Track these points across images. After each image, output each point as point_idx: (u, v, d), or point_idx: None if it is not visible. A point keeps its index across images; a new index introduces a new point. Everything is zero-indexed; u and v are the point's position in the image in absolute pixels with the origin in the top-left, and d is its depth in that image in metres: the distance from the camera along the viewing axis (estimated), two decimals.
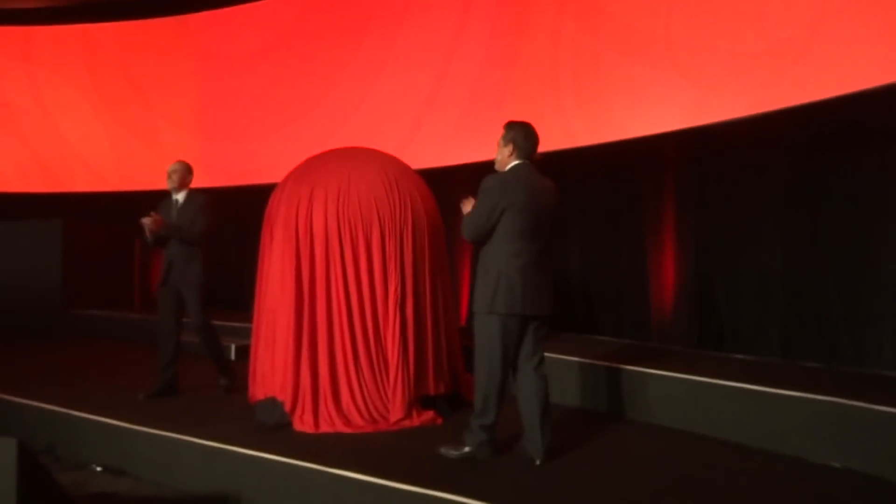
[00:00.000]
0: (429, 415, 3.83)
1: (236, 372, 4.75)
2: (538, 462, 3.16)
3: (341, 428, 3.65)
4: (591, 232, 5.84)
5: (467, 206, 3.36)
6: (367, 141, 4.86)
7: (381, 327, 3.85)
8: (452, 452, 3.21)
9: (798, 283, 4.51)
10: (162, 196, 4.76)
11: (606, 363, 4.25)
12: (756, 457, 3.36)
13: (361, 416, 3.72)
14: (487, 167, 6.03)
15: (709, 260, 5.03)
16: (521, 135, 3.30)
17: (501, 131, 3.37)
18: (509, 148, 3.28)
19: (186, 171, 4.63)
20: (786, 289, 4.57)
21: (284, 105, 7.60)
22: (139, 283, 8.69)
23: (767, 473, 3.13)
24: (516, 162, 3.30)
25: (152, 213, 4.39)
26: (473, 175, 6.39)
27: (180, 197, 4.58)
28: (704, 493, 2.87)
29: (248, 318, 4.52)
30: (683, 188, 5.24)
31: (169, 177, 4.58)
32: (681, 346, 5.03)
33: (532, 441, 3.21)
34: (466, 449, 3.20)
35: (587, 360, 4.34)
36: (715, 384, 3.74)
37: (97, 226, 8.42)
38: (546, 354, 4.50)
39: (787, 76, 4.25)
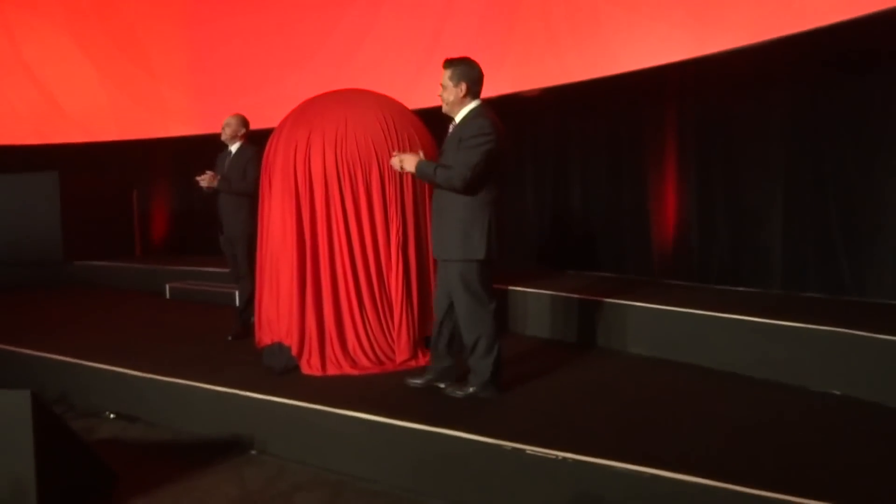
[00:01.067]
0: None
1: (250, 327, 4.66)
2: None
3: (348, 370, 3.70)
4: (591, 167, 5.80)
5: (408, 162, 3.22)
6: (371, 83, 4.73)
7: (385, 270, 3.85)
8: (458, 392, 3.26)
9: (800, 214, 4.51)
10: (172, 143, 4.74)
11: (607, 298, 4.28)
12: (758, 387, 3.42)
13: (368, 358, 3.77)
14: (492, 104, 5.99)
15: (710, 193, 5.01)
16: (473, 72, 3.15)
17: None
18: (462, 87, 3.13)
19: (239, 123, 4.73)
20: (787, 220, 4.56)
21: (284, 46, 7.40)
22: (139, 233, 8.68)
23: (769, 402, 3.19)
24: (476, 103, 3.18)
25: (206, 171, 4.60)
26: None
27: (233, 148, 4.72)
28: (710, 422, 2.93)
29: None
30: (684, 121, 5.18)
31: (223, 129, 4.73)
32: (682, 279, 5.06)
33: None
34: (471, 389, 3.25)
35: (588, 297, 4.37)
36: (716, 317, 3.77)
37: (93, 176, 8.36)
38: (550, 292, 4.58)
39: (791, 5, 4.13)
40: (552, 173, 6.05)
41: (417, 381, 3.42)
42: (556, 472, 2.55)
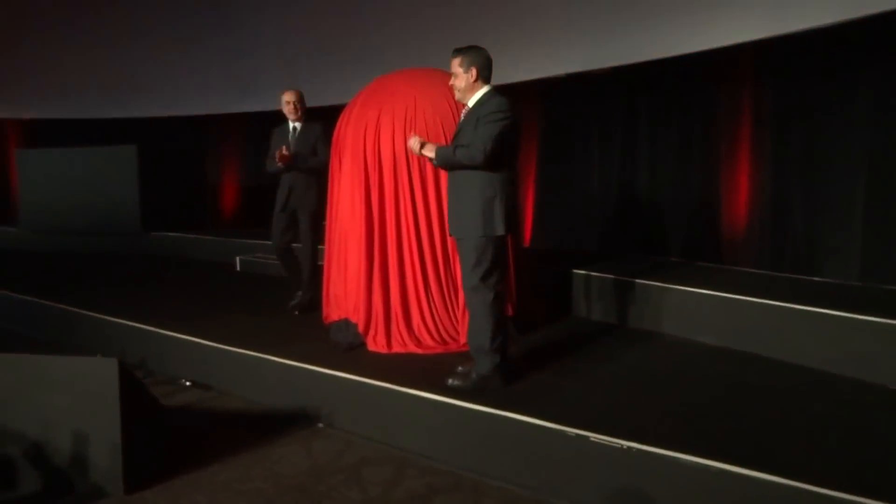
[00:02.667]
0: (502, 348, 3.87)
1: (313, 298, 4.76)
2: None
3: (413, 349, 3.77)
4: (660, 149, 5.66)
5: (428, 147, 3.22)
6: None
7: (450, 251, 3.88)
8: (455, 382, 3.17)
9: (883, 202, 4.31)
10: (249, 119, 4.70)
11: (674, 284, 4.21)
12: (835, 382, 3.32)
13: (432, 337, 3.82)
14: (551, 83, 5.91)
15: (786, 177, 4.83)
16: (481, 58, 3.18)
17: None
18: (472, 73, 3.16)
19: (302, 99, 4.70)
20: (869, 208, 4.36)
21: (366, 22, 7.42)
22: (211, 205, 8.97)
23: (845, 399, 3.10)
24: (488, 87, 3.19)
25: (281, 149, 4.48)
26: (536, 90, 6.28)
27: (297, 124, 4.68)
28: (782, 418, 2.86)
29: (320, 240, 4.63)
30: (760, 102, 4.99)
31: (286, 105, 4.64)
32: (754, 267, 4.92)
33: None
34: (474, 375, 3.18)
35: (654, 282, 4.31)
36: (789, 308, 3.66)
37: (168, 149, 8.65)
38: (614, 276, 4.52)
39: None
40: (619, 154, 5.94)
41: (457, 383, 3.19)
42: (620, 461, 2.55)
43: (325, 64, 7.57)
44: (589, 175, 6.14)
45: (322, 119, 4.80)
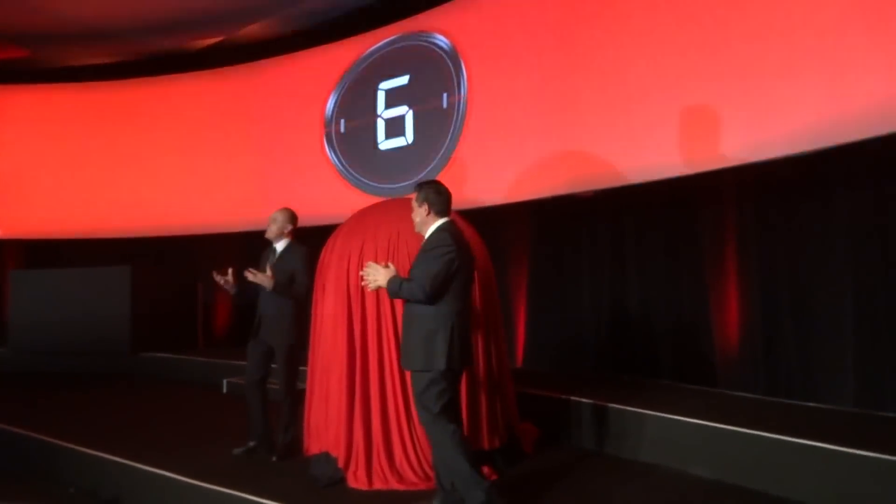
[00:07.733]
0: (483, 470, 3.74)
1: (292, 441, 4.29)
2: None
3: (394, 485, 3.61)
4: (649, 269, 5.68)
5: (382, 278, 3.21)
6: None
7: None
8: None
9: (873, 324, 4.27)
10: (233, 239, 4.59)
11: (667, 413, 4.10)
12: None
13: (414, 472, 3.68)
14: (539, 203, 6.02)
15: (775, 299, 4.82)
16: (433, 192, 3.31)
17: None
18: (424, 208, 3.29)
19: (286, 219, 4.36)
20: (860, 331, 4.32)
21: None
22: (202, 325, 8.91)
23: None
24: (443, 220, 3.30)
25: (267, 270, 4.19)
26: (525, 209, 6.40)
27: (279, 246, 4.37)
28: None
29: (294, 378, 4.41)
30: (745, 223, 5.05)
31: (268, 224, 4.36)
32: (748, 391, 4.81)
33: None
34: None
35: (645, 410, 4.20)
36: (785, 441, 3.54)
37: (162, 269, 8.70)
38: (604, 403, 4.41)
39: (852, 111, 4.08)
40: (608, 274, 5.96)
41: None
42: None
43: (318, 185, 7.78)
44: (580, 295, 6.13)
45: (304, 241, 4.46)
